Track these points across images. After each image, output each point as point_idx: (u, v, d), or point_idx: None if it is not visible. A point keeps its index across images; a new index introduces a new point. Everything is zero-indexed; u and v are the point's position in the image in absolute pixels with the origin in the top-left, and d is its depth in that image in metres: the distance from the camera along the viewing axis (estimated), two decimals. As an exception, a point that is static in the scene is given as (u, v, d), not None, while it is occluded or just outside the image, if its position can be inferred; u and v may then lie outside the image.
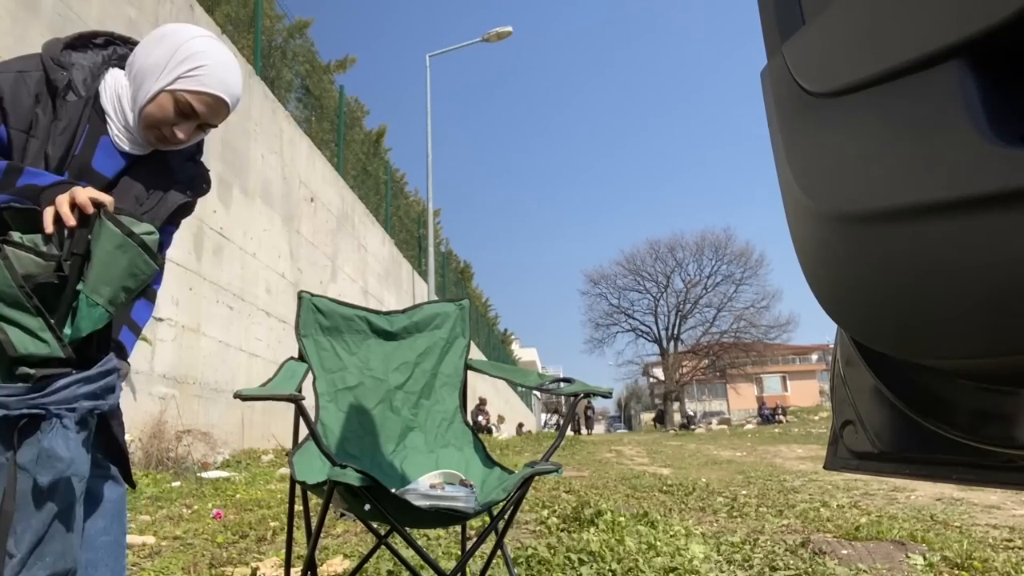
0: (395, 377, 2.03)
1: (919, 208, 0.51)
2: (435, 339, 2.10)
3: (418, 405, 2.04)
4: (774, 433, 20.19)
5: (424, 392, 2.05)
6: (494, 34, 14.35)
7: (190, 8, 6.63)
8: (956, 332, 0.53)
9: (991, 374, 0.60)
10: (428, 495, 1.61)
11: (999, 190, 0.44)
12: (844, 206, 0.61)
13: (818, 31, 0.65)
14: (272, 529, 3.13)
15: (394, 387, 2.03)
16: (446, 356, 2.10)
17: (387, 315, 2.09)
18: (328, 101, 11.11)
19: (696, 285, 38.55)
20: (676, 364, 37.35)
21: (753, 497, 4.88)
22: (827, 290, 0.69)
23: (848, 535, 3.12)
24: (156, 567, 2.35)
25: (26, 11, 4.55)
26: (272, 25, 9.32)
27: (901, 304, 0.58)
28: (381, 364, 2.03)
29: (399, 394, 2.03)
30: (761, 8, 0.77)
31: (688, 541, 2.81)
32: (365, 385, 1.99)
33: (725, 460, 9.79)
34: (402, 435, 2.00)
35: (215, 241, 6.90)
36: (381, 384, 2.01)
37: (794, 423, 28.18)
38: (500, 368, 2.16)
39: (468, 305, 2.18)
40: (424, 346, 2.09)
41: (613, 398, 2.68)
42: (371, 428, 1.96)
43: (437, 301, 2.19)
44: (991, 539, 3.09)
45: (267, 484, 4.85)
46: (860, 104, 0.58)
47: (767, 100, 0.76)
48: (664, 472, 7.61)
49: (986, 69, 0.47)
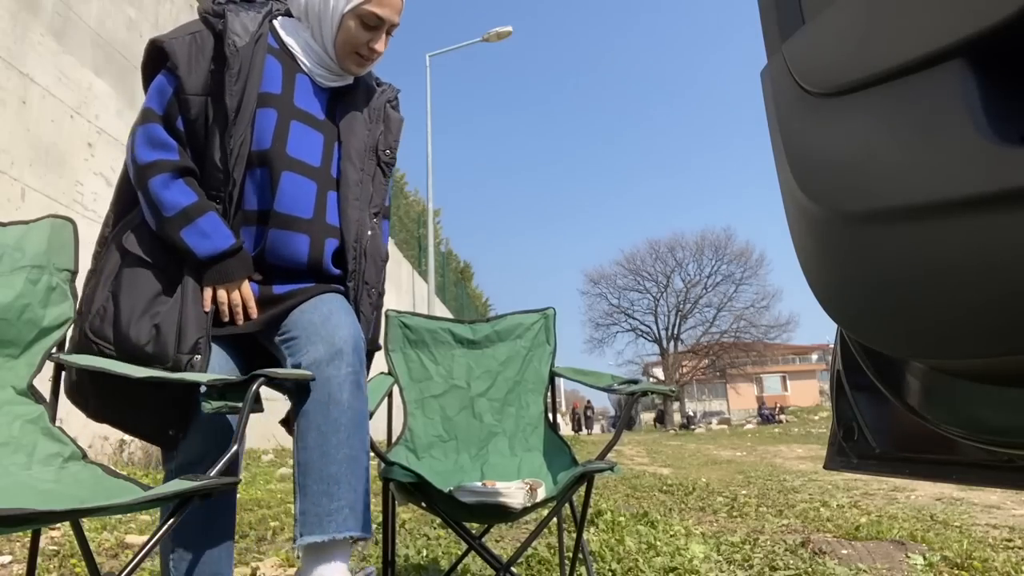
0: (477, 385, 2.12)
1: (919, 208, 0.51)
2: (516, 348, 2.18)
3: (502, 411, 2.12)
4: (774, 433, 20.19)
5: (508, 399, 2.12)
6: (494, 34, 14.34)
7: (190, 8, 6.63)
8: (956, 332, 0.53)
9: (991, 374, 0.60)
10: (477, 491, 1.65)
11: (999, 190, 0.44)
12: (844, 206, 0.61)
13: (818, 31, 0.65)
14: (272, 529, 3.12)
15: (476, 394, 2.11)
16: (530, 364, 2.17)
17: (471, 324, 2.18)
18: (328, 101, 11.10)
19: (696, 285, 38.57)
20: (676, 364, 37.35)
21: (753, 497, 4.88)
22: (827, 290, 0.69)
23: (848, 535, 3.11)
24: (156, 567, 2.35)
25: (26, 11, 4.55)
26: (272, 25, 9.32)
27: (901, 304, 0.57)
28: (464, 373, 2.13)
29: (481, 401, 2.11)
30: (761, 8, 0.77)
31: (688, 541, 2.81)
32: (449, 393, 2.09)
33: (725, 460, 9.79)
34: (485, 440, 2.07)
35: (215, 241, 6.90)
36: (464, 392, 2.10)
37: (794, 423, 28.18)
38: (580, 373, 2.19)
39: (554, 313, 2.24)
40: (506, 355, 2.17)
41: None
42: (455, 433, 2.06)
43: (522, 312, 2.25)
44: (991, 539, 3.09)
45: (267, 484, 4.85)
46: (860, 104, 0.58)
47: (767, 100, 0.76)
48: (664, 472, 7.61)
49: (986, 69, 0.47)
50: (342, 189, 1.44)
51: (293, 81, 1.42)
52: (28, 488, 1.24)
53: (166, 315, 1.23)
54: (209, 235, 1.26)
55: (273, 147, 1.34)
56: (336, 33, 1.39)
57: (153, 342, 1.21)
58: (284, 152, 1.36)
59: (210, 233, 1.26)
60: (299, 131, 1.39)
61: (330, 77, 1.46)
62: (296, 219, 1.36)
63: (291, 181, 1.35)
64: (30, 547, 1.40)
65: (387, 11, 1.40)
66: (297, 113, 1.40)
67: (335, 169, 1.45)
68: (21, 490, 1.22)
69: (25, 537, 2.55)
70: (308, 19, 1.42)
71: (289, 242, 1.35)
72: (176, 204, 1.26)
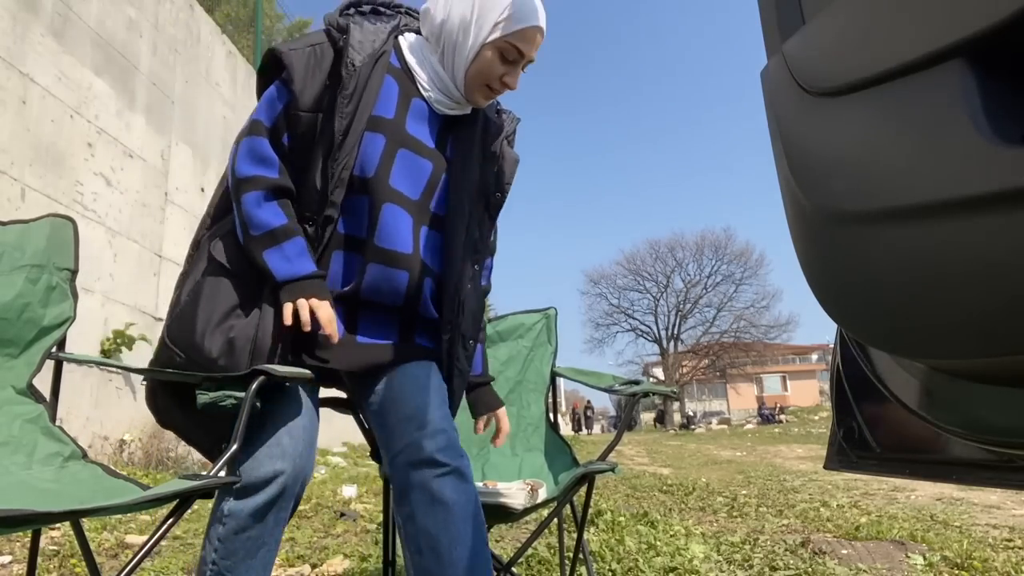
0: None
1: (919, 208, 0.51)
2: (518, 348, 2.18)
3: None
4: (774, 433, 20.19)
5: (509, 399, 2.11)
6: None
7: (190, 8, 6.63)
8: (956, 332, 0.53)
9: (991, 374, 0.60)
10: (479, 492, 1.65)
11: (999, 190, 0.44)
12: (844, 206, 0.61)
13: (818, 30, 0.65)
14: (272, 529, 3.12)
15: None
16: (531, 364, 2.16)
17: None
18: (328, 101, 11.12)
19: (696, 285, 38.57)
20: (676, 364, 37.34)
21: (753, 497, 4.88)
22: (827, 290, 0.69)
23: (848, 535, 3.11)
24: (156, 567, 2.35)
25: (26, 11, 4.55)
26: (272, 25, 9.33)
27: (901, 304, 0.57)
28: None
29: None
30: (761, 8, 0.77)
31: (688, 541, 2.81)
32: None
33: (725, 460, 9.79)
34: (486, 440, 2.07)
35: (215, 241, 6.91)
36: None
37: (794, 423, 28.18)
38: (581, 373, 2.19)
39: (555, 313, 2.22)
40: (507, 355, 2.16)
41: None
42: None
43: (523, 312, 2.24)
44: (991, 539, 3.09)
45: (267, 484, 4.84)
46: (860, 104, 0.58)
47: (767, 99, 0.76)
48: (664, 472, 7.61)
49: (986, 69, 0.47)
50: (447, 231, 1.35)
51: (408, 105, 1.33)
52: (28, 488, 1.24)
53: (242, 329, 1.16)
54: (291, 260, 1.20)
55: (376, 175, 1.27)
56: (470, 63, 1.31)
57: (225, 356, 1.14)
58: (387, 182, 1.28)
59: (292, 258, 1.21)
60: (405, 160, 1.31)
61: (449, 105, 1.37)
62: (397, 254, 1.28)
63: (391, 213, 1.28)
64: (30, 547, 1.40)
65: (529, 46, 1.32)
66: (407, 140, 1.32)
67: (437, 204, 1.36)
68: (21, 490, 1.22)
69: (25, 537, 2.55)
70: (440, 43, 1.34)
71: (389, 278, 1.28)
72: (265, 224, 1.21)
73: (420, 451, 1.18)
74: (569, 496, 1.64)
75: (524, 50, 1.31)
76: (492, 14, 1.28)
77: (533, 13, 1.30)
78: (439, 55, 1.34)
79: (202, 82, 6.81)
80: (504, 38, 1.29)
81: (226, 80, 7.37)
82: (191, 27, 6.61)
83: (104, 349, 5.06)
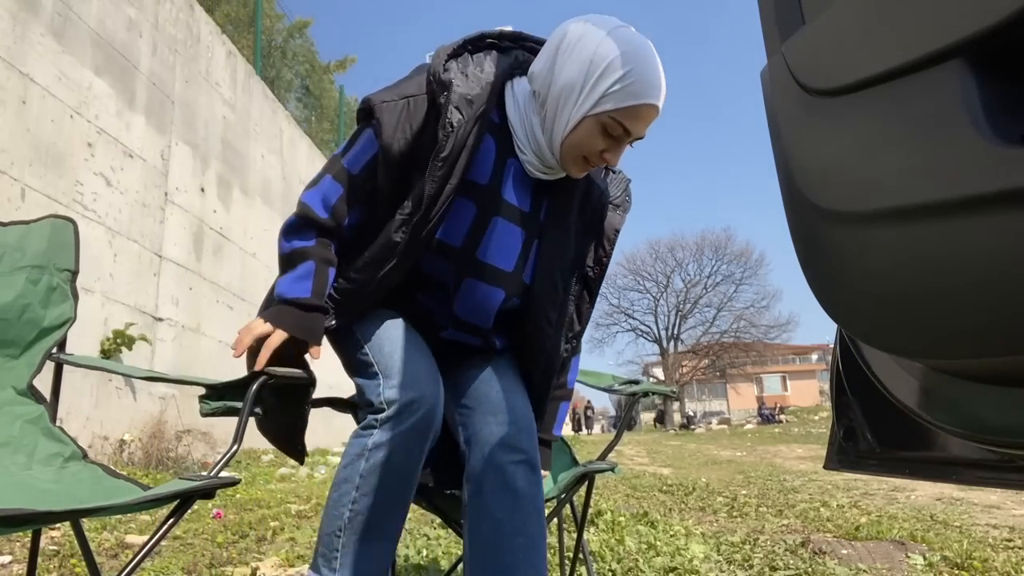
0: None
1: (919, 208, 0.51)
2: None
3: None
4: (774, 433, 20.20)
5: None
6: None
7: (190, 8, 6.64)
8: (955, 332, 0.53)
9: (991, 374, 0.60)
10: None
11: (999, 190, 0.44)
12: (844, 205, 0.61)
13: (818, 30, 0.65)
14: (272, 529, 3.13)
15: None
16: None
17: None
18: (328, 101, 11.12)
19: (696, 285, 38.56)
20: (676, 364, 37.34)
21: (753, 497, 4.88)
22: (827, 290, 0.69)
23: (848, 535, 3.12)
24: (156, 567, 2.35)
25: (26, 11, 4.55)
26: (272, 25, 9.33)
27: (901, 304, 0.58)
28: None
29: None
30: (761, 8, 0.77)
31: (688, 541, 2.81)
32: None
33: (725, 460, 9.80)
34: None
35: (215, 241, 6.90)
36: None
37: (794, 423, 28.19)
38: (581, 373, 2.19)
39: None
40: None
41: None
42: None
43: None
44: (991, 539, 3.09)
45: (267, 484, 4.85)
46: (860, 103, 0.58)
47: (767, 99, 0.76)
48: (664, 472, 7.61)
49: (986, 69, 0.47)
50: (533, 310, 1.27)
51: (504, 166, 1.22)
52: (28, 488, 1.24)
53: None
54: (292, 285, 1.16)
55: (463, 248, 1.21)
56: (569, 132, 1.16)
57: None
58: (474, 256, 1.22)
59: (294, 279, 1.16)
60: (498, 229, 1.22)
61: (542, 169, 1.24)
62: (476, 327, 1.28)
63: (472, 288, 1.23)
64: (30, 547, 1.40)
65: (638, 125, 1.15)
66: (502, 207, 1.22)
67: (529, 274, 1.28)
68: (21, 490, 1.22)
69: (25, 537, 2.55)
70: (545, 103, 1.19)
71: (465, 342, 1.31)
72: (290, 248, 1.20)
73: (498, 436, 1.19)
74: (569, 496, 1.64)
75: (632, 129, 1.15)
76: (604, 83, 1.12)
77: (652, 89, 1.13)
78: (542, 117, 1.20)
79: (202, 82, 6.81)
80: (611, 113, 1.13)
81: (226, 80, 7.37)
82: (191, 27, 6.61)
83: (104, 349, 5.06)
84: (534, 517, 1.17)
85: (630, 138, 1.18)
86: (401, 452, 1.10)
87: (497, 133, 1.22)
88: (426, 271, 1.24)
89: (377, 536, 1.10)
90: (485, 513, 1.16)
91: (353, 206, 1.21)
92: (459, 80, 1.15)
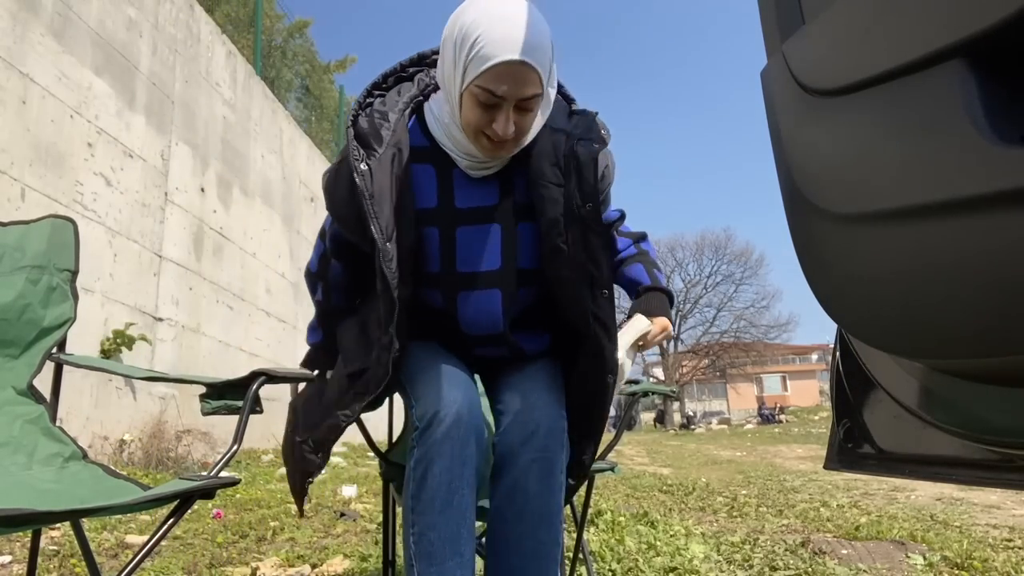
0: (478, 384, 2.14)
1: (919, 208, 0.51)
2: None
3: None
4: (774, 433, 20.20)
5: None
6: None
7: (190, 8, 6.63)
8: (955, 332, 0.53)
9: (991, 374, 0.60)
10: None
11: (999, 190, 0.44)
12: (843, 206, 0.61)
13: (818, 31, 0.65)
14: (272, 529, 3.13)
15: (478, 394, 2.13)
16: None
17: None
18: (328, 101, 11.11)
19: (696, 285, 38.56)
20: (676, 364, 37.34)
21: (753, 497, 4.88)
22: (827, 289, 0.69)
23: (848, 535, 3.11)
24: (156, 567, 2.35)
25: (26, 11, 4.55)
26: (272, 25, 9.32)
27: (900, 304, 0.57)
28: None
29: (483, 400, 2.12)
30: (761, 8, 0.77)
31: (688, 541, 2.81)
32: None
33: (725, 460, 9.80)
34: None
35: (215, 241, 6.90)
36: None
37: (794, 423, 28.18)
38: None
39: None
40: None
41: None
42: None
43: None
44: (991, 539, 3.09)
45: (267, 484, 4.85)
46: (860, 104, 0.58)
47: (767, 99, 0.76)
48: (664, 472, 7.62)
49: (986, 69, 0.47)
50: (555, 285, 1.24)
51: (450, 181, 1.23)
52: (28, 488, 1.24)
53: None
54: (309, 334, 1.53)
55: (442, 270, 1.23)
56: (459, 114, 1.16)
57: None
58: (455, 272, 1.23)
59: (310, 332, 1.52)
60: (467, 237, 1.23)
61: (479, 166, 1.23)
62: (485, 336, 1.29)
63: (467, 301, 1.25)
64: (30, 547, 1.40)
65: (503, 86, 1.08)
66: (460, 216, 1.22)
67: (528, 257, 1.25)
68: (21, 490, 1.22)
69: (25, 537, 2.55)
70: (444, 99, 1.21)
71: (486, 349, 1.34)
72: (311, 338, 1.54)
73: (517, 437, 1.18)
74: (569, 496, 1.64)
75: (500, 92, 1.09)
76: (462, 56, 1.10)
77: (502, 46, 1.07)
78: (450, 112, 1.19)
79: (202, 82, 6.81)
80: (475, 83, 1.09)
81: (226, 80, 7.37)
82: (191, 27, 6.61)
83: (104, 349, 5.06)
84: (546, 522, 1.15)
85: (507, 102, 1.11)
86: (441, 461, 1.10)
87: (431, 156, 1.24)
88: (426, 302, 1.28)
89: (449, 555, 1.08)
90: (498, 512, 1.17)
91: (339, 259, 1.39)
92: (366, 127, 1.19)
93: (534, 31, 1.09)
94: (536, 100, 1.13)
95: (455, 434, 1.11)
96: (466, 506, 1.11)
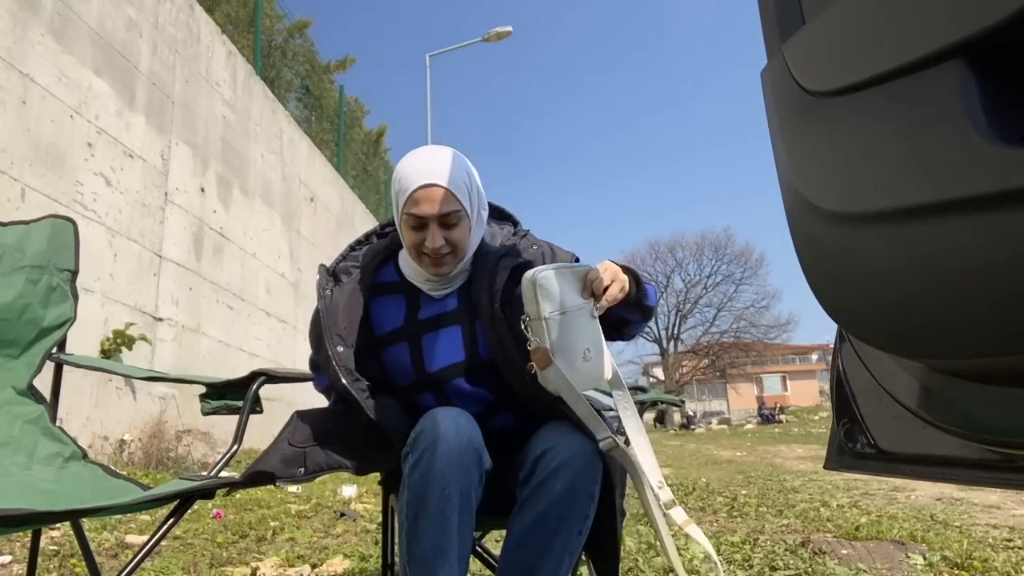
0: None
1: (919, 208, 0.51)
2: None
3: None
4: (774, 433, 20.20)
5: None
6: (494, 34, 14.33)
7: (190, 8, 6.64)
8: (955, 332, 0.53)
9: (991, 374, 0.60)
10: None
11: (999, 190, 0.44)
12: (844, 206, 0.61)
13: (818, 31, 0.65)
14: (272, 529, 3.13)
15: None
16: None
17: None
18: (328, 101, 11.11)
19: (696, 285, 38.54)
20: (676, 364, 37.34)
21: (753, 497, 4.88)
22: (827, 289, 0.69)
23: (848, 535, 3.11)
24: (156, 567, 2.35)
25: (26, 11, 4.55)
26: (272, 25, 9.32)
27: (900, 304, 0.58)
28: None
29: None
30: (761, 8, 0.77)
31: (688, 541, 2.81)
32: None
33: (725, 460, 9.80)
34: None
35: (215, 241, 6.91)
36: None
37: (794, 423, 28.19)
38: None
39: None
40: None
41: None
42: None
43: None
44: (991, 539, 3.09)
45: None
46: (860, 104, 0.58)
47: (767, 100, 0.76)
48: (664, 472, 7.61)
49: (986, 69, 0.47)
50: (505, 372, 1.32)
51: (417, 304, 1.39)
52: (28, 488, 1.24)
53: None
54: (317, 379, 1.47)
55: (416, 378, 1.36)
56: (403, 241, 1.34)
57: None
58: (428, 374, 1.35)
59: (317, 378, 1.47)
60: (430, 341, 1.36)
61: (440, 288, 1.38)
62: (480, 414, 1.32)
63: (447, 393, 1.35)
64: (30, 547, 1.41)
65: (421, 208, 1.26)
66: (423, 326, 1.37)
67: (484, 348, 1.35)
68: (21, 490, 1.22)
69: (25, 537, 2.55)
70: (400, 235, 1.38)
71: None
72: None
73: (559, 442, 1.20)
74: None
75: (422, 213, 1.26)
76: (393, 191, 1.32)
77: (412, 178, 1.27)
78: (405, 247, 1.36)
79: (202, 82, 6.81)
80: (403, 212, 1.28)
81: (226, 80, 7.37)
82: (191, 27, 6.61)
83: (104, 349, 5.06)
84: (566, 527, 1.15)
85: (432, 221, 1.27)
86: (429, 464, 1.11)
87: (401, 288, 1.41)
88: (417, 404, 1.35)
89: (440, 563, 1.09)
90: (521, 506, 1.17)
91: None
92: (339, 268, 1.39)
93: (450, 163, 1.29)
94: (456, 215, 1.28)
95: (452, 441, 1.13)
96: (460, 514, 1.12)
